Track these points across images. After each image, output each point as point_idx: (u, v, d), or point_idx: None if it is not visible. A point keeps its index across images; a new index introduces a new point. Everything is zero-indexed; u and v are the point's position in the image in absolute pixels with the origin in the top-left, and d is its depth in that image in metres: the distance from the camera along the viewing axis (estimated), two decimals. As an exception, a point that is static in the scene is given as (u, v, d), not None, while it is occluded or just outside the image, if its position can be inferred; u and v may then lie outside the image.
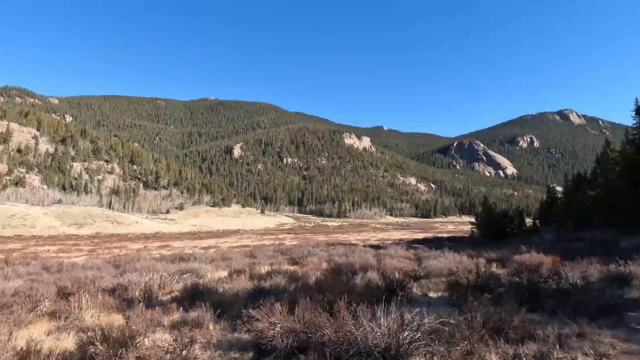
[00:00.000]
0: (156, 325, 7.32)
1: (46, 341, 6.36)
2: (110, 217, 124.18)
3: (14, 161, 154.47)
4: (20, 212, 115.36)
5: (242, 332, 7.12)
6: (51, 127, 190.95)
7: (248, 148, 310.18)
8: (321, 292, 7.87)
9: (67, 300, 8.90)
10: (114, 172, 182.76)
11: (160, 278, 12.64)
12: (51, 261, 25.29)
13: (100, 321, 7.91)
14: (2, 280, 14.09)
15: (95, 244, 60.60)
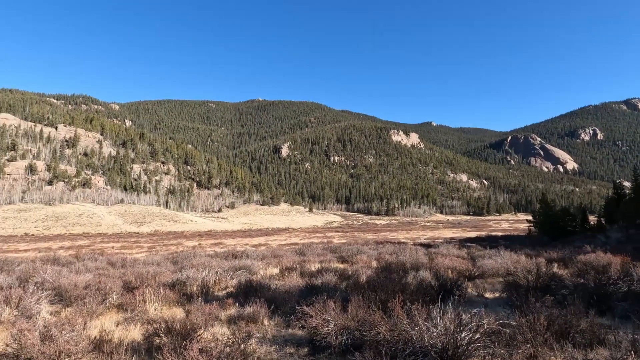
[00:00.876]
0: (214, 320, 7.60)
1: (116, 331, 6.81)
2: (167, 216, 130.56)
3: (81, 164, 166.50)
4: (87, 211, 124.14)
5: (296, 328, 7.24)
6: (113, 131, 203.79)
7: (295, 147, 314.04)
8: (373, 290, 7.82)
9: (132, 293, 9.47)
10: (169, 172, 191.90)
11: (216, 274, 13.11)
12: (115, 257, 26.99)
13: (163, 314, 8.35)
14: (74, 274, 15.21)
15: (154, 241, 63.93)
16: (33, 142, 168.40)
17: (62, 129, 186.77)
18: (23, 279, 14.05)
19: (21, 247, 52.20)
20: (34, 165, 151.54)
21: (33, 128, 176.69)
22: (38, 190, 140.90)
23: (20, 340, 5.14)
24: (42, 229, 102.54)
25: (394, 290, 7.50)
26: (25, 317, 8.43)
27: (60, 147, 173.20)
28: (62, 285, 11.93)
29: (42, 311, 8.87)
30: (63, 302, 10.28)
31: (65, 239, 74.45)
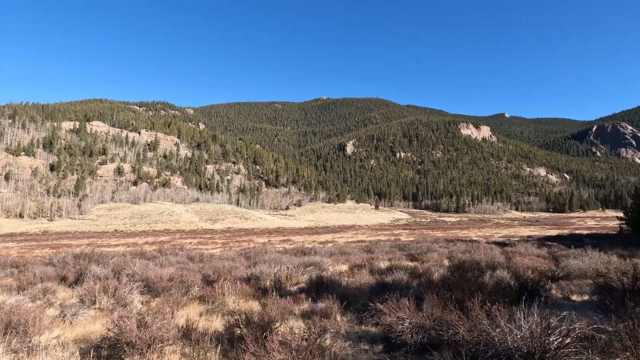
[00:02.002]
0: (288, 314, 7.82)
1: (200, 321, 7.27)
2: (238, 214, 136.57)
3: (161, 165, 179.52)
4: (167, 210, 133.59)
5: (369, 325, 7.23)
6: (188, 134, 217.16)
7: (360, 144, 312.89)
8: (448, 289, 7.59)
9: (211, 287, 10.05)
10: (240, 172, 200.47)
11: (287, 270, 13.48)
12: (194, 252, 28.71)
13: (240, 307, 8.76)
14: (159, 268, 16.45)
15: (227, 238, 67.16)
16: (120, 147, 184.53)
17: (144, 134, 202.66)
18: (116, 271, 15.46)
19: (112, 242, 57.43)
20: (121, 168, 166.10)
21: (120, 134, 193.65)
22: (125, 190, 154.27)
23: (120, 325, 5.69)
24: (129, 226, 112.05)
25: (470, 290, 7.22)
26: (120, 305, 9.30)
27: (143, 151, 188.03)
28: (150, 277, 12.96)
29: (135, 300, 9.71)
30: (151, 293, 11.16)
31: (149, 235, 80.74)
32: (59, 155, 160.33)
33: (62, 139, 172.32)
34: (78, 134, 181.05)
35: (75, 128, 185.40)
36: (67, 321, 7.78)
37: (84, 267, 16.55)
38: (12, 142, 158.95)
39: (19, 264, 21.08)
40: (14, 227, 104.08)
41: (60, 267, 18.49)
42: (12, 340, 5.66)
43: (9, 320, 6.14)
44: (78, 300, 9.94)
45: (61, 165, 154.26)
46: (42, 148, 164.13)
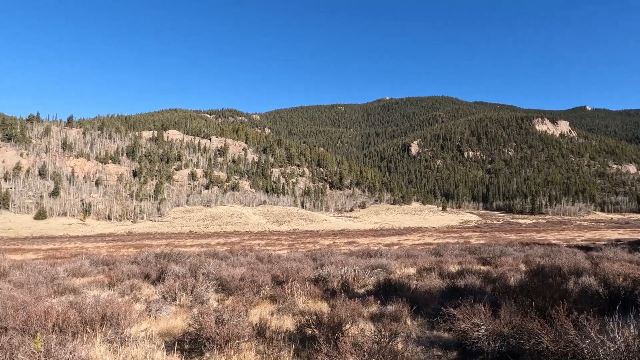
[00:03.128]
0: (357, 316, 7.82)
1: (271, 320, 7.50)
2: (303, 216, 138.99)
3: (230, 170, 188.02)
4: (236, 212, 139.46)
5: (441, 331, 7.01)
6: (255, 139, 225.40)
7: (425, 144, 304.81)
8: (527, 295, 7.14)
9: (281, 287, 10.33)
10: (304, 175, 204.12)
11: (354, 272, 13.47)
12: (262, 253, 29.66)
13: (310, 307, 8.91)
14: (231, 267, 17.20)
15: (293, 239, 68.59)
16: (193, 153, 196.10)
17: (214, 140, 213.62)
18: (193, 270, 16.40)
19: (188, 243, 61.06)
20: (194, 173, 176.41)
21: (193, 141, 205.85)
22: (198, 194, 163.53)
23: (200, 321, 6.05)
24: (202, 228, 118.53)
25: (552, 297, 6.74)
26: (198, 302, 9.86)
27: (214, 156, 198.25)
28: (223, 276, 13.60)
29: (211, 298, 10.26)
30: (225, 292, 11.70)
31: (220, 236, 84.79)
32: (140, 162, 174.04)
33: (143, 147, 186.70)
34: (156, 142, 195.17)
35: (154, 137, 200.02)
36: (152, 316, 8.41)
37: (164, 266, 17.76)
38: (100, 151, 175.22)
39: (108, 262, 23.11)
40: (103, 229, 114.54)
41: (144, 266, 19.99)
42: (108, 332, 6.24)
43: (104, 313, 6.76)
44: (160, 296, 10.69)
45: (142, 171, 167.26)
46: (126, 156, 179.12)
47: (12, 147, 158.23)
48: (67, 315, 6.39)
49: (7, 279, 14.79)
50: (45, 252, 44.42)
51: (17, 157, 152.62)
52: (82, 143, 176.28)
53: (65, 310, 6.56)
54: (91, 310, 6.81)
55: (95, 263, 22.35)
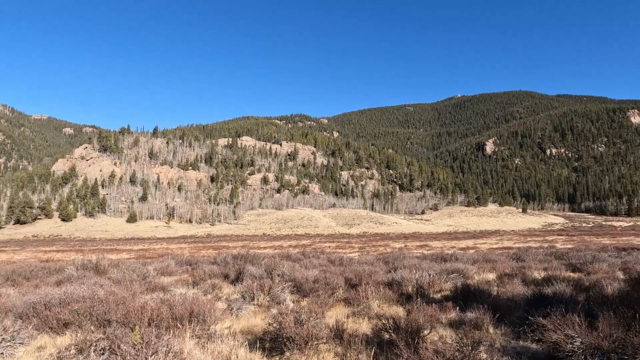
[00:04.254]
0: (435, 322, 7.58)
1: (347, 323, 7.53)
2: (373, 218, 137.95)
3: (300, 174, 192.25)
4: (307, 215, 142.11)
5: (528, 341, 6.57)
6: (323, 143, 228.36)
7: (502, 142, 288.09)
8: (629, 306, 6.44)
9: (355, 290, 10.34)
10: (373, 177, 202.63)
11: (429, 276, 13.09)
12: (333, 256, 29.87)
13: (385, 311, 8.82)
14: (304, 269, 17.55)
15: (363, 242, 68.34)
16: (265, 158, 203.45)
17: (285, 145, 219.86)
18: (268, 271, 16.98)
19: (261, 245, 63.33)
20: (266, 177, 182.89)
21: (264, 146, 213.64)
22: (270, 197, 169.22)
23: (280, 321, 6.26)
24: (275, 230, 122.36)
25: (661, 309, 6.01)
26: (275, 303, 10.19)
27: (284, 160, 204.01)
28: (296, 278, 13.92)
29: (287, 299, 10.55)
30: (300, 293, 11.97)
31: (292, 239, 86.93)
32: (216, 168, 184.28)
33: (219, 154, 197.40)
34: (231, 149, 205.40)
35: (229, 144, 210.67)
36: (234, 314, 8.85)
37: (241, 267, 18.57)
38: (182, 158, 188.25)
39: (191, 262, 24.69)
40: (185, 231, 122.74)
41: (223, 266, 21.08)
42: (196, 328, 6.68)
43: (192, 310, 7.24)
44: (240, 296, 11.21)
45: (219, 177, 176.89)
46: (204, 162, 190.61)
47: (107, 157, 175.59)
48: (160, 311, 6.94)
49: (107, 276, 16.41)
50: (136, 252, 48.65)
51: (112, 166, 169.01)
52: (165, 152, 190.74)
53: (158, 307, 7.13)
54: (180, 307, 7.32)
55: (179, 263, 24.01)
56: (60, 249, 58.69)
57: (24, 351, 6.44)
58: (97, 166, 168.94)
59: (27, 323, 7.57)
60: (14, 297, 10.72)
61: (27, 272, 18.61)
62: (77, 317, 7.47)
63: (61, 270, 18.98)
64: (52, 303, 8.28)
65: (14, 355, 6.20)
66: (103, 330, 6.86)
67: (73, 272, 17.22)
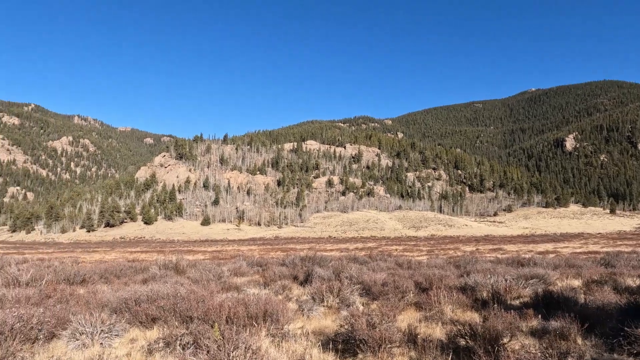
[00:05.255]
0: (515, 329, 7.17)
1: (420, 327, 7.38)
2: (441, 221, 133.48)
3: (364, 176, 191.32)
4: (372, 217, 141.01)
5: (624, 354, 5.98)
6: (388, 144, 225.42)
7: (584, 137, 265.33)
8: None
9: (426, 294, 10.08)
10: (441, 178, 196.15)
11: (505, 281, 12.40)
12: (401, 259, 29.33)
13: (458, 317, 8.50)
14: (372, 272, 17.43)
15: (431, 245, 66.34)
16: (329, 161, 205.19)
17: (349, 148, 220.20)
18: (336, 274, 17.10)
19: (328, 247, 63.89)
20: (331, 180, 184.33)
21: (328, 149, 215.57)
22: (335, 200, 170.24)
23: (352, 323, 6.29)
24: (340, 233, 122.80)
25: None
26: (345, 305, 10.24)
27: (349, 163, 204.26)
28: (365, 280, 13.86)
29: (356, 302, 10.55)
30: (369, 296, 11.91)
31: (358, 241, 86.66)
32: (283, 172, 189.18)
33: (285, 158, 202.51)
34: (296, 153, 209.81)
35: (294, 148, 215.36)
36: (305, 315, 9.03)
37: (309, 269, 18.89)
38: (250, 163, 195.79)
39: (261, 263, 25.56)
40: (254, 233, 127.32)
41: (291, 268, 21.57)
42: (270, 327, 6.91)
43: (266, 309, 7.51)
44: (310, 297, 11.40)
45: (285, 181, 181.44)
46: (271, 167, 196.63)
47: (183, 164, 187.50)
48: (237, 310, 7.28)
49: (186, 275, 17.50)
50: (210, 253, 51.36)
51: (187, 172, 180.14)
52: (235, 157, 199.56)
53: (234, 305, 7.48)
54: (255, 307, 7.62)
55: (250, 264, 24.96)
56: (144, 250, 63.60)
57: (119, 342, 7.07)
58: (174, 173, 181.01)
59: (120, 317, 8.30)
60: (108, 293, 11.82)
61: (117, 270, 20.39)
62: (163, 313, 8.07)
63: (146, 269, 20.57)
64: (141, 299, 9.01)
65: (111, 345, 6.84)
66: (186, 325, 7.33)
67: (156, 271, 18.60)
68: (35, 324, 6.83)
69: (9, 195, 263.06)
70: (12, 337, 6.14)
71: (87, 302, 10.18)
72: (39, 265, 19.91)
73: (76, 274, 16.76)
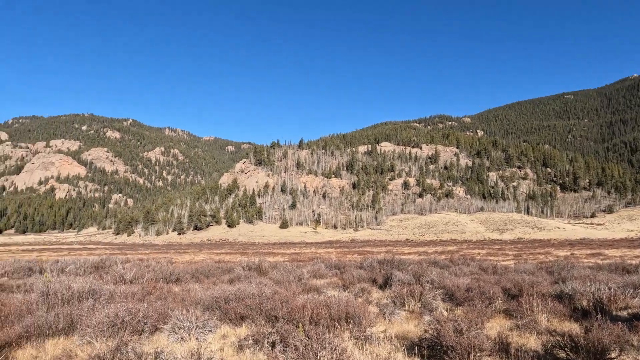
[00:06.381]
0: (623, 343, 6.46)
1: (512, 336, 6.93)
2: (529, 223, 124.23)
3: (442, 177, 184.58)
4: (452, 220, 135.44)
5: None
6: (467, 143, 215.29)
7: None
8: None
9: (516, 301, 9.44)
10: (527, 177, 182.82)
11: (609, 290, 11.22)
12: (485, 263, 27.77)
13: (554, 326, 7.85)
14: (454, 277, 16.75)
15: (518, 249, 62.05)
16: (404, 162, 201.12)
17: (424, 148, 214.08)
18: (416, 277, 16.70)
19: (405, 251, 62.59)
20: (407, 182, 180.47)
21: (403, 151, 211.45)
22: (412, 202, 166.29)
23: (437, 329, 6.11)
24: (418, 236, 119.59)
25: None
26: (427, 310, 9.96)
27: (425, 164, 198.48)
28: (447, 285, 13.36)
29: (439, 307, 10.21)
30: (452, 301, 11.46)
31: (437, 245, 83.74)
32: (357, 174, 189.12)
33: (359, 161, 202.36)
34: (371, 155, 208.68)
35: (368, 150, 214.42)
36: (387, 319, 8.94)
37: (388, 272, 18.66)
38: (325, 167, 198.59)
39: (339, 266, 25.77)
40: (331, 236, 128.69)
41: (369, 271, 21.47)
42: (353, 329, 6.96)
43: (347, 312, 7.57)
44: (390, 301, 11.26)
45: (360, 183, 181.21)
46: (345, 170, 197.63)
47: (261, 169, 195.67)
48: (319, 311, 7.43)
49: (268, 276, 18.23)
50: (289, 255, 52.93)
51: (265, 177, 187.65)
52: (310, 162, 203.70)
53: (317, 307, 7.64)
54: (336, 309, 7.72)
55: (328, 267, 25.27)
56: (228, 252, 67.34)
57: (212, 338, 7.57)
58: (253, 178, 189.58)
59: (212, 314, 8.88)
60: (200, 291, 12.70)
61: (206, 270, 21.83)
62: (250, 312, 8.49)
63: (231, 270, 21.77)
64: (230, 298, 9.56)
65: (205, 340, 7.35)
66: (272, 324, 7.65)
67: (241, 272, 19.61)
68: (141, 318, 7.57)
69: (113, 202, 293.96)
70: (124, 329, 6.87)
71: (182, 299, 11.04)
72: (139, 264, 21.98)
73: (171, 273, 18.25)
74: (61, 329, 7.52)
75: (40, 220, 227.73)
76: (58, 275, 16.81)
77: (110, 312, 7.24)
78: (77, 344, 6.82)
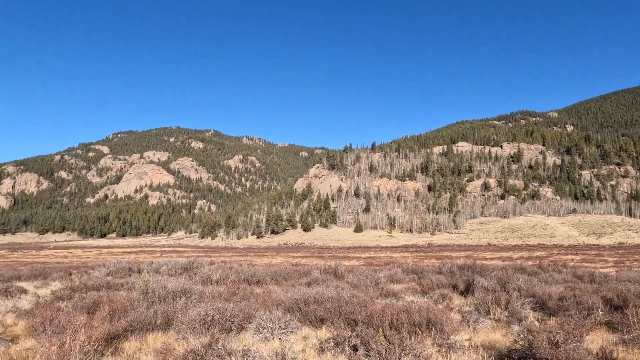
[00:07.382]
0: None
1: (617, 352, 6.26)
2: (632, 226, 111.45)
3: (527, 177, 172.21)
4: (539, 223, 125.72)
5: None
6: (554, 139, 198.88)
7: None
8: None
9: (620, 312, 8.52)
10: (628, 175, 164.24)
11: None
12: (580, 270, 25.39)
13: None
14: (544, 284, 15.55)
15: (619, 255, 55.93)
16: (484, 163, 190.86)
17: (505, 147, 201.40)
18: (501, 284, 15.75)
19: (487, 256, 59.29)
20: (487, 183, 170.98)
21: (482, 150, 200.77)
22: (493, 204, 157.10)
23: (529, 340, 5.72)
24: (501, 240, 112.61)
25: None
26: (515, 319, 9.36)
27: (507, 164, 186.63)
28: (536, 293, 12.43)
29: (529, 316, 9.54)
30: (543, 311, 10.65)
31: (522, 250, 78.16)
32: (433, 177, 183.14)
33: (434, 162, 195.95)
34: (446, 156, 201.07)
35: (444, 151, 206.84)
36: (470, 327, 8.55)
37: (470, 278, 17.81)
38: (398, 170, 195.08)
39: (416, 270, 25.14)
40: (406, 240, 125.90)
41: (449, 276, 20.69)
42: (435, 336, 6.76)
43: (429, 318, 7.37)
44: (473, 308, 10.76)
45: (436, 186, 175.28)
46: (420, 172, 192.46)
47: (335, 174, 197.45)
48: (400, 316, 7.32)
49: (344, 280, 18.32)
50: (364, 259, 52.70)
51: (339, 181, 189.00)
52: (383, 165, 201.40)
53: (397, 312, 7.54)
54: (417, 315, 7.55)
55: (405, 271, 24.77)
56: (304, 255, 68.78)
57: (294, 339, 7.81)
58: (327, 182, 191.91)
59: (292, 316, 9.15)
60: (280, 293, 13.14)
61: (284, 273, 22.52)
62: (329, 315, 8.61)
63: (308, 273, 22.22)
64: (309, 301, 9.78)
65: (288, 340, 7.60)
66: (351, 328, 7.68)
67: (318, 275, 19.94)
68: (229, 317, 8.03)
69: (198, 207, 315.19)
70: (214, 326, 7.35)
71: (264, 300, 11.51)
72: (223, 266, 23.29)
73: (252, 275, 19.10)
74: (159, 324, 8.23)
75: (136, 225, 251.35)
76: (153, 276, 18.42)
77: (202, 311, 7.78)
78: (174, 338, 7.42)
